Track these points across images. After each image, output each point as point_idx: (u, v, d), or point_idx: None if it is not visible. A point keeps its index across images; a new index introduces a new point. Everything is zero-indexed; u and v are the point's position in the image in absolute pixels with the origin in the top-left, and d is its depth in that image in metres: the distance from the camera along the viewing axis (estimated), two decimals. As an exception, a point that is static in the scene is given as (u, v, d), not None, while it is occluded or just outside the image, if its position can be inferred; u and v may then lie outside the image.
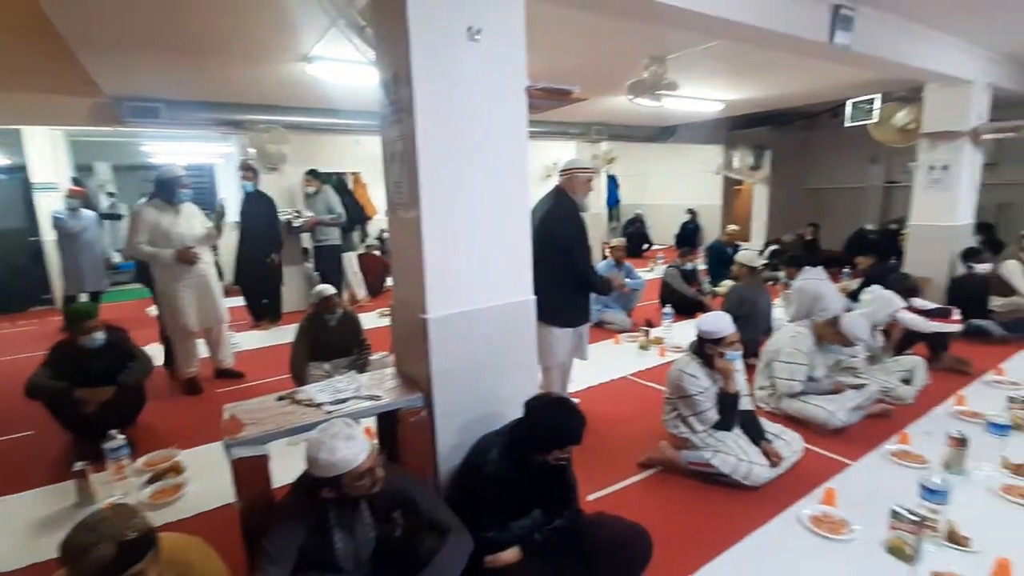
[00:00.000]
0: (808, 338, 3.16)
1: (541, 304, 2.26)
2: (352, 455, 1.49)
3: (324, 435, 1.52)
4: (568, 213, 2.92)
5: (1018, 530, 2.16)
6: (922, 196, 5.53)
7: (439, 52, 1.80)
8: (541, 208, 2.97)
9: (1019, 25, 4.21)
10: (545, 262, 2.74)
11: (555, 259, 2.78)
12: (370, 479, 1.54)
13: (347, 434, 1.51)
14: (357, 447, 1.50)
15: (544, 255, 2.80)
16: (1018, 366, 3.98)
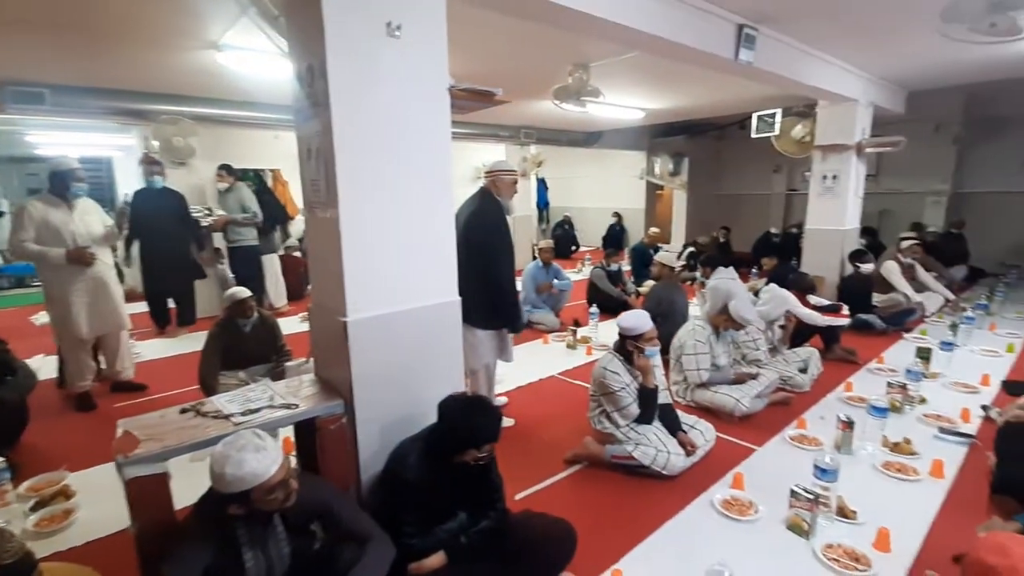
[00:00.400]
0: (706, 329, 3.39)
1: (464, 305, 2.23)
2: (262, 468, 1.40)
3: (230, 448, 1.42)
4: (493, 217, 2.90)
5: (895, 501, 2.42)
6: (816, 203, 6.09)
7: (357, 46, 1.75)
8: (466, 209, 2.96)
9: (891, 53, 4.76)
10: (468, 263, 2.76)
11: (477, 261, 2.78)
12: (283, 492, 1.46)
13: (256, 445, 1.42)
14: (267, 459, 1.42)
15: (467, 256, 2.84)
16: (896, 355, 4.47)
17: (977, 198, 8.42)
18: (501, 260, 2.92)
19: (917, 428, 3.09)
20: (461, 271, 2.23)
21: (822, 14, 3.63)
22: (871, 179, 8.29)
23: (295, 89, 1.93)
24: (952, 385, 3.72)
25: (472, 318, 2.64)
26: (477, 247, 2.78)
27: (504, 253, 2.94)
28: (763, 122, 6.13)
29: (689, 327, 3.46)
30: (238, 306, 3.24)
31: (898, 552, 2.07)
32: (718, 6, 3.38)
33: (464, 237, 2.86)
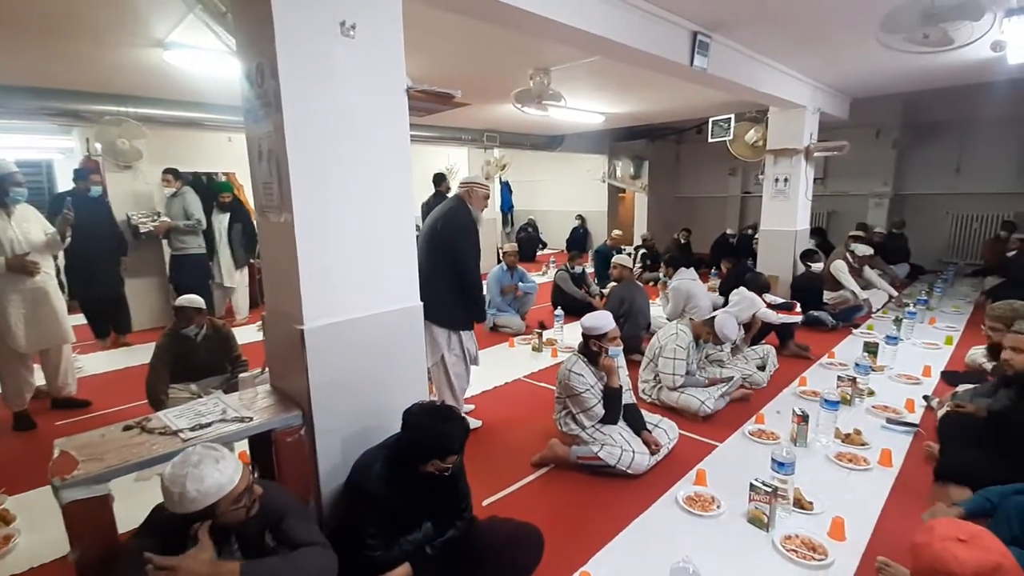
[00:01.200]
0: (688, 336, 3.44)
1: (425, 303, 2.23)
2: (225, 478, 1.33)
3: (184, 466, 1.33)
4: (465, 222, 3.02)
5: (848, 491, 2.52)
6: (769, 205, 6.32)
7: (309, 45, 1.69)
8: (440, 208, 3.07)
9: (836, 62, 4.99)
10: (434, 261, 2.88)
11: (445, 259, 2.92)
12: (248, 500, 1.39)
13: (214, 456, 1.34)
14: (229, 468, 1.35)
15: (434, 255, 2.90)
16: (846, 349, 4.68)
17: (916, 199, 8.94)
18: (469, 259, 3.02)
19: (866, 419, 3.23)
20: (425, 269, 2.27)
21: (769, 23, 3.77)
22: (819, 182, 8.70)
23: (244, 88, 1.86)
24: (897, 377, 3.91)
25: (431, 315, 2.63)
26: (446, 244, 2.92)
27: (472, 253, 3.04)
28: (718, 127, 6.32)
29: (672, 331, 3.50)
30: (183, 313, 3.09)
31: (852, 540, 2.15)
32: (673, 13, 3.46)
33: (432, 235, 2.97)
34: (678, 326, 3.50)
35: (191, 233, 5.55)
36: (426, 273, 2.62)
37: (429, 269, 2.77)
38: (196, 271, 5.61)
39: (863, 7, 3.36)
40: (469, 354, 3.22)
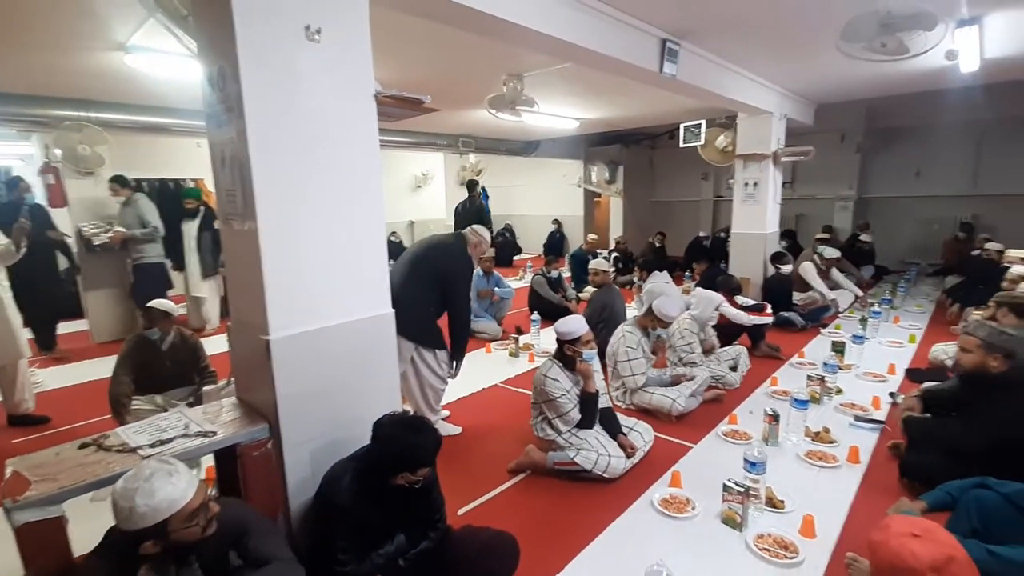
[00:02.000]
0: (635, 334, 3.47)
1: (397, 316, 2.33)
2: (178, 492, 1.27)
3: (135, 480, 1.28)
4: (465, 265, 3.16)
5: (818, 488, 2.57)
6: (740, 208, 6.45)
7: (272, 48, 1.66)
8: (441, 243, 3.17)
9: (800, 69, 5.14)
10: (418, 286, 2.96)
11: (431, 290, 3.01)
12: (204, 517, 1.33)
13: (166, 470, 1.29)
14: (182, 482, 1.29)
15: (421, 281, 2.98)
16: (815, 349, 4.79)
17: (879, 202, 9.24)
18: (464, 301, 3.16)
19: (835, 417, 3.31)
20: (405, 288, 2.47)
21: (735, 31, 3.85)
22: (787, 186, 8.93)
23: (206, 93, 1.81)
24: (864, 375, 4.02)
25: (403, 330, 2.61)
26: (442, 281, 3.02)
27: (467, 296, 3.20)
28: (689, 132, 6.43)
29: (619, 335, 3.53)
30: (148, 314, 2.99)
31: (822, 537, 2.19)
32: (642, 21, 3.51)
33: (425, 263, 3.03)
34: (623, 329, 3.52)
35: (148, 241, 5.34)
36: (405, 291, 2.82)
37: (411, 290, 2.91)
38: (153, 280, 5.36)
39: (824, 17, 3.47)
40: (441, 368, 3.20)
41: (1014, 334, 2.36)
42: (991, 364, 2.33)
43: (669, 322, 3.51)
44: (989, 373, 2.34)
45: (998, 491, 1.79)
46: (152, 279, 5.36)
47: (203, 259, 5.86)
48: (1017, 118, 7.56)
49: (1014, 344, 2.33)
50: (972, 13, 3.54)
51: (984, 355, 2.34)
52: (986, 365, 2.34)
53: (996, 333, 2.35)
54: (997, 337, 2.33)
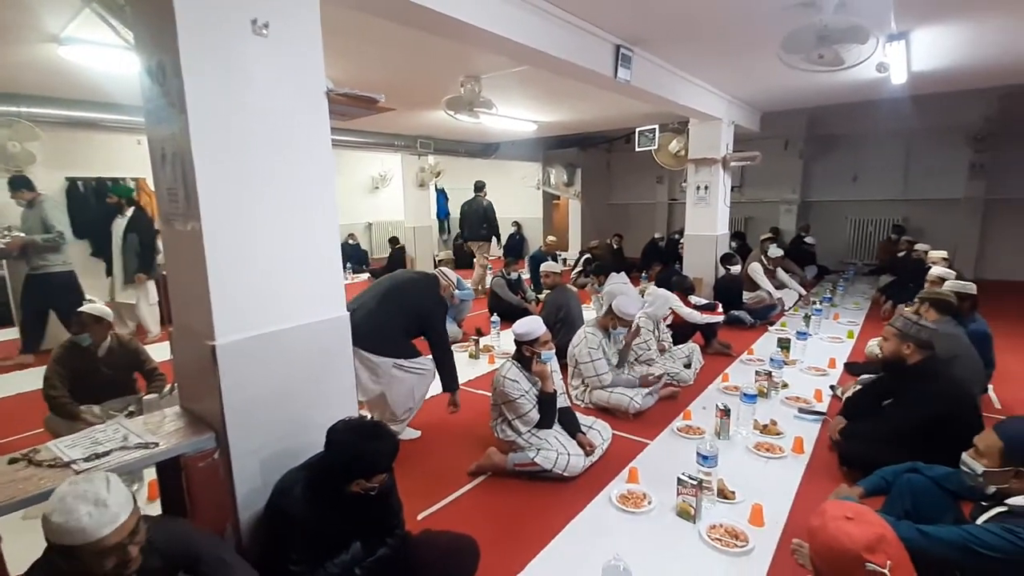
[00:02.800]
0: (596, 335, 3.54)
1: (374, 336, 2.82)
2: (92, 526, 1.16)
3: (71, 490, 1.20)
4: (440, 299, 3.31)
5: (766, 478, 2.68)
6: (693, 211, 6.67)
7: (216, 42, 1.60)
8: (420, 279, 3.32)
9: (745, 77, 5.36)
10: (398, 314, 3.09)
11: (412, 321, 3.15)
12: (116, 559, 1.21)
13: (97, 498, 1.19)
14: (104, 518, 1.18)
15: (400, 311, 3.10)
16: (763, 346, 5.00)
17: (820, 205, 9.76)
18: (444, 332, 3.28)
19: (781, 410, 3.46)
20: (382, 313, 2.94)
21: (684, 39, 3.98)
22: (737, 190, 9.30)
23: (145, 87, 1.73)
24: (807, 369, 4.23)
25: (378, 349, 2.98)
26: (422, 316, 3.16)
27: (444, 328, 3.31)
28: (644, 137, 6.60)
29: (580, 336, 3.58)
30: (78, 318, 2.81)
31: (770, 525, 2.29)
32: (597, 26, 3.58)
33: (402, 294, 3.16)
34: (584, 330, 3.59)
35: (51, 249, 4.73)
36: (381, 319, 2.99)
37: (386, 318, 3.02)
38: (61, 291, 4.71)
39: (767, 29, 3.63)
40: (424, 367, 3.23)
41: (927, 326, 2.54)
42: (905, 352, 2.51)
43: (629, 320, 3.58)
44: (906, 362, 2.52)
45: (926, 475, 1.92)
46: (58, 290, 4.73)
47: (127, 263, 5.41)
48: (941, 128, 8.15)
49: (927, 335, 2.51)
50: (900, 28, 3.79)
51: (899, 343, 2.53)
52: (901, 353, 2.52)
53: (911, 324, 2.53)
54: (911, 328, 2.51)
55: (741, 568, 2.06)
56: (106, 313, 2.89)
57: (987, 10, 3.54)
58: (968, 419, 2.30)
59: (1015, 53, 4.56)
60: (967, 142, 8.08)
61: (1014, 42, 4.24)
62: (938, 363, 2.55)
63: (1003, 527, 1.44)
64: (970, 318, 3.42)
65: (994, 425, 1.63)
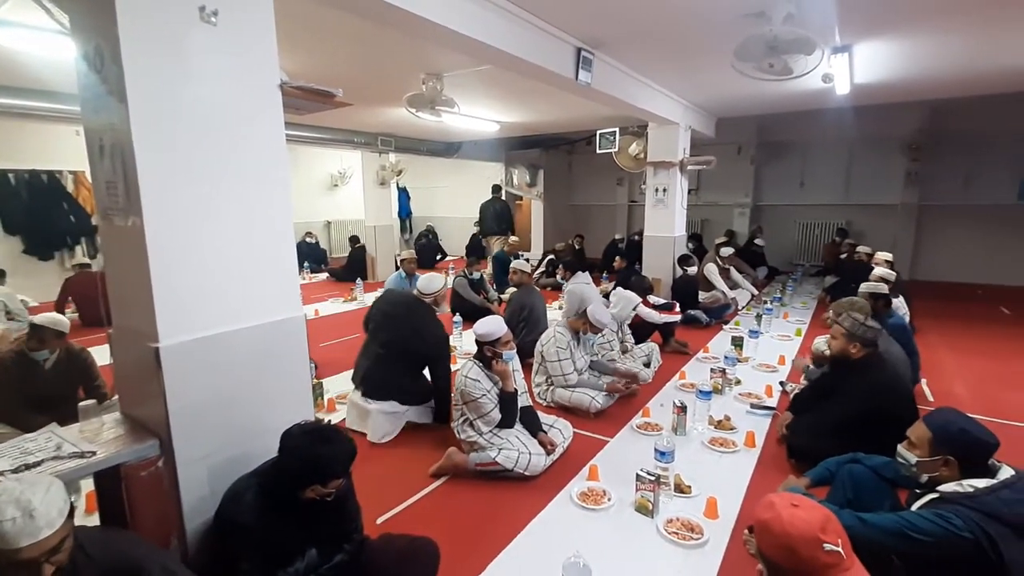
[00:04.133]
0: (565, 335, 3.57)
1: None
2: (12, 533, 1.08)
3: (10, 487, 1.12)
4: (444, 336, 3.39)
5: (720, 472, 2.77)
6: (652, 213, 6.82)
7: (159, 28, 1.52)
8: (416, 317, 3.32)
9: (701, 84, 5.54)
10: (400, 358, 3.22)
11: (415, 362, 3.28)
12: (26, 574, 1.13)
13: (26, 506, 1.10)
14: (26, 528, 1.10)
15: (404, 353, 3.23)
16: (718, 344, 5.16)
17: (771, 209, 10.17)
18: (447, 371, 3.36)
19: (734, 406, 3.58)
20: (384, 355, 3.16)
21: (643, 45, 4.07)
22: (693, 193, 9.59)
23: (81, 74, 1.62)
24: (759, 366, 4.39)
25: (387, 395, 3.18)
26: (428, 354, 3.28)
27: (448, 363, 3.41)
28: (605, 139, 6.70)
29: (550, 335, 3.61)
30: (38, 333, 2.63)
31: (724, 517, 2.36)
32: (558, 28, 3.61)
33: (404, 337, 3.25)
34: (555, 329, 3.63)
35: None
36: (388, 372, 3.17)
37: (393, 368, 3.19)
38: None
39: (720, 36, 3.75)
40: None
41: (873, 326, 2.69)
42: (851, 351, 2.65)
43: (600, 329, 3.64)
44: (851, 358, 2.66)
45: (866, 464, 2.02)
46: None
47: None
48: (880, 137, 8.65)
49: (872, 334, 2.66)
50: (844, 42, 4.00)
51: (846, 343, 2.66)
52: (847, 352, 2.66)
53: (858, 324, 2.67)
54: (858, 327, 2.65)
55: (696, 560, 2.12)
56: (65, 326, 2.70)
57: (920, 28, 3.78)
58: (904, 410, 2.44)
59: (944, 69, 4.89)
60: (903, 151, 8.60)
61: (943, 58, 4.54)
62: (877, 359, 2.70)
63: (935, 512, 1.53)
64: (887, 314, 3.66)
65: (923, 417, 1.73)
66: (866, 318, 2.70)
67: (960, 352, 4.86)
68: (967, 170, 8.36)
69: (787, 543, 1.18)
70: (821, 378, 3.04)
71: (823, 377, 3.02)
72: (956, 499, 1.53)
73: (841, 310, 2.87)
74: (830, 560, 1.15)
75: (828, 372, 2.96)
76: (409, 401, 3.26)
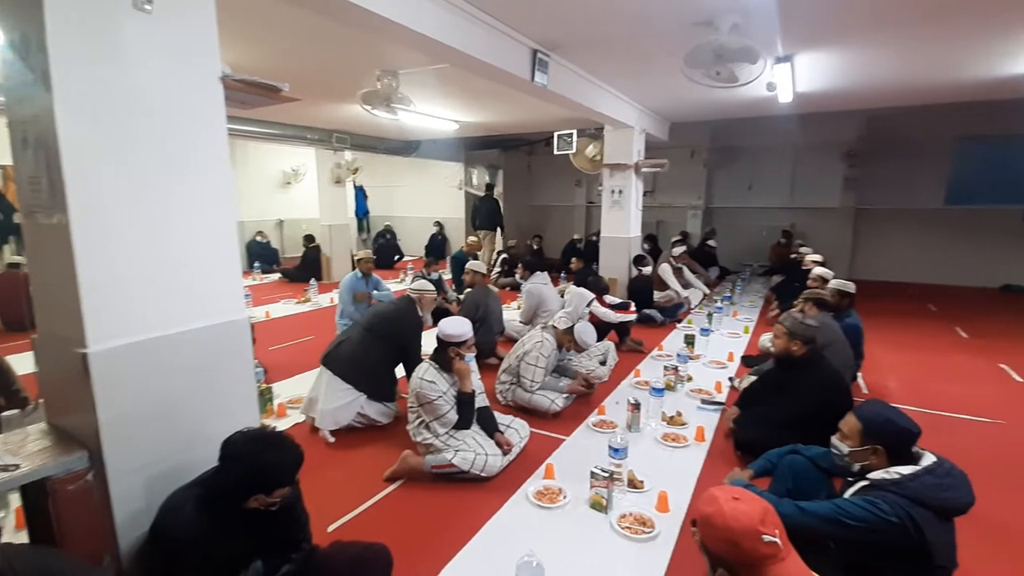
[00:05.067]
0: (551, 344, 3.58)
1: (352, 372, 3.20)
2: None
3: None
4: (416, 324, 3.57)
5: (671, 467, 2.85)
6: (608, 214, 6.95)
7: (89, 14, 1.43)
8: (394, 310, 3.61)
9: (653, 89, 5.68)
10: (378, 347, 3.34)
11: (391, 352, 3.42)
12: None
13: None
14: None
15: (380, 343, 3.35)
16: (671, 342, 5.31)
17: (722, 211, 10.55)
18: (418, 357, 3.42)
19: (686, 402, 3.70)
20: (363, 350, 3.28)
21: (597, 48, 4.13)
22: (648, 195, 9.82)
23: (5, 61, 1.51)
24: (709, 363, 4.55)
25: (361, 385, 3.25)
26: (400, 343, 3.43)
27: (419, 351, 3.52)
28: (563, 141, 6.78)
29: (537, 337, 3.59)
30: None
31: (674, 510, 2.43)
32: (514, 30, 3.62)
33: (382, 330, 3.41)
34: (543, 334, 3.62)
35: None
36: (363, 352, 3.28)
37: (369, 350, 3.31)
38: None
39: (670, 43, 3.86)
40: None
41: (811, 324, 2.83)
42: (793, 349, 2.79)
43: (583, 349, 3.72)
44: (793, 356, 2.79)
45: (805, 455, 2.13)
46: None
47: None
48: (821, 144, 9.13)
49: (811, 332, 2.80)
50: (786, 52, 4.19)
51: (788, 341, 2.80)
52: (790, 350, 2.79)
53: (797, 323, 2.80)
54: (798, 326, 2.79)
55: (648, 553, 2.17)
56: None
57: (854, 41, 4.01)
58: (842, 404, 2.58)
59: (878, 80, 5.21)
60: (842, 157, 9.11)
61: (877, 70, 4.83)
62: (818, 355, 2.84)
63: (865, 499, 1.62)
64: (846, 313, 3.86)
65: (853, 409, 1.84)
66: (805, 316, 2.84)
67: (892, 347, 5.19)
68: (899, 176, 8.94)
69: (729, 536, 1.22)
70: (767, 374, 3.17)
71: (769, 373, 3.15)
72: (884, 485, 1.63)
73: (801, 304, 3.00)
74: (768, 551, 1.20)
75: (773, 368, 3.09)
76: (366, 389, 3.25)
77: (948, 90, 5.74)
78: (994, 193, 8.35)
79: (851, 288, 3.96)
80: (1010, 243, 8.26)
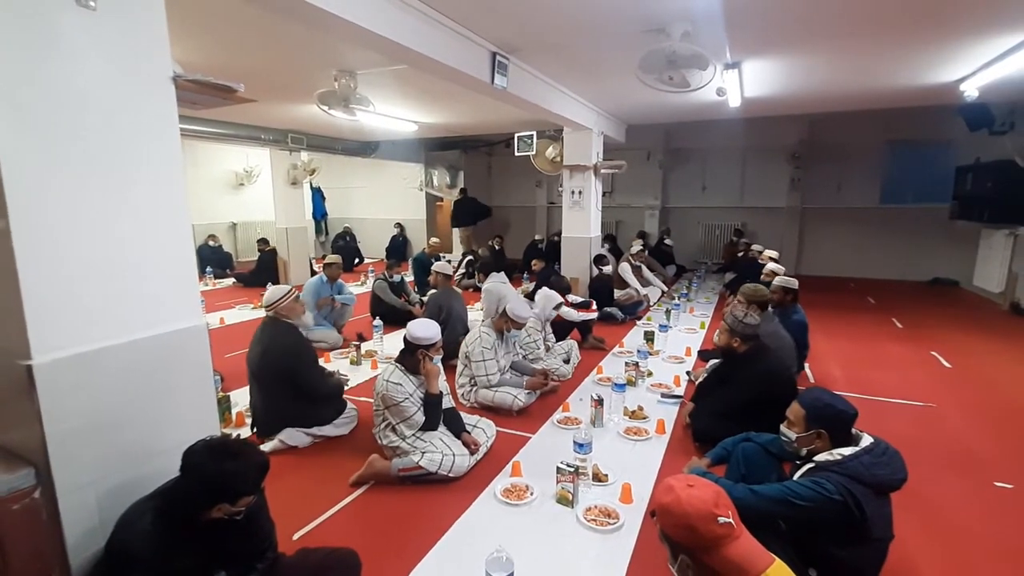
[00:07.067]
0: (490, 336, 3.63)
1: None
2: None
3: None
4: (294, 343, 3.17)
5: (634, 460, 2.94)
6: (569, 214, 7.07)
7: (27, 12, 1.36)
8: (264, 338, 3.12)
9: (610, 92, 5.82)
10: (275, 384, 3.06)
11: (287, 385, 3.06)
12: None
13: None
14: None
15: (275, 381, 3.07)
16: (632, 339, 5.45)
17: (677, 211, 10.89)
18: (312, 378, 3.20)
19: (647, 396, 3.81)
20: (264, 389, 3.04)
21: (556, 52, 4.20)
22: (608, 195, 10.03)
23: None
24: (668, 358, 4.70)
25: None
26: (287, 372, 3.06)
27: (312, 370, 3.25)
28: (523, 142, 6.85)
29: (475, 335, 3.63)
30: None
31: (637, 501, 2.51)
32: (474, 32, 3.65)
33: (266, 365, 3.06)
34: (480, 329, 3.67)
35: None
36: (272, 402, 3.06)
37: (276, 397, 3.05)
38: None
39: (625, 49, 3.97)
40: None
41: (750, 322, 2.95)
42: (735, 345, 2.93)
43: (522, 324, 3.70)
44: (736, 351, 2.94)
45: (756, 442, 2.25)
46: None
47: None
48: (768, 147, 9.58)
49: (750, 330, 2.94)
50: (734, 59, 4.38)
51: (729, 338, 2.94)
52: (731, 345, 2.94)
53: (737, 321, 2.94)
54: (738, 326, 2.93)
55: (613, 543, 2.24)
56: None
57: (795, 50, 4.24)
58: (788, 394, 2.72)
59: (817, 86, 5.52)
60: (787, 160, 9.57)
61: (816, 77, 5.12)
62: (760, 350, 2.99)
63: (811, 480, 1.73)
64: (792, 309, 4.05)
65: (797, 397, 1.96)
66: (746, 315, 2.96)
67: (835, 338, 5.50)
68: (839, 177, 9.48)
69: (687, 522, 1.29)
70: (716, 369, 3.32)
71: (717, 367, 3.30)
72: (828, 466, 1.74)
73: (742, 297, 3.14)
74: (723, 531, 1.27)
75: (720, 363, 3.23)
76: (304, 424, 3.13)
77: (879, 97, 6.14)
78: (923, 192, 8.97)
79: (794, 284, 4.15)
80: (938, 239, 8.89)
